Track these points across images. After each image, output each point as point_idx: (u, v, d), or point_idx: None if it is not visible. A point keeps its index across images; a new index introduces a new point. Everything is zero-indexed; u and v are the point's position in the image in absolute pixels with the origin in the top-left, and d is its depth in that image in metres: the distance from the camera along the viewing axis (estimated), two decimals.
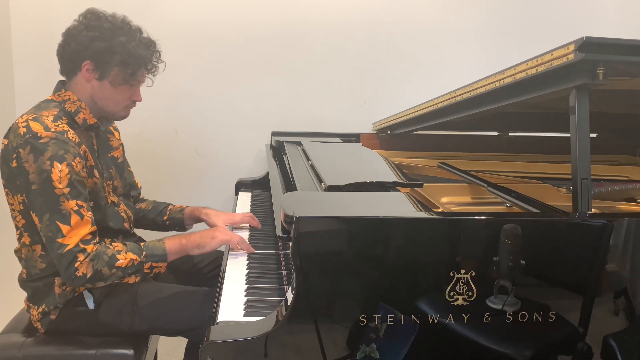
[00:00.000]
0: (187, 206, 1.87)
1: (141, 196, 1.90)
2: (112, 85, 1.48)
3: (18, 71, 2.44)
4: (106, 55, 1.44)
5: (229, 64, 2.59)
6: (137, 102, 1.57)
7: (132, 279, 1.48)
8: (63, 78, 1.52)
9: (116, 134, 1.72)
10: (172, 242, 1.49)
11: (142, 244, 1.48)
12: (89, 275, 1.35)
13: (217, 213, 1.82)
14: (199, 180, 2.68)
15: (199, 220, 1.84)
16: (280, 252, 1.61)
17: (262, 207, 2.15)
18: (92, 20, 1.45)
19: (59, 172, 1.34)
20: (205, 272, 1.81)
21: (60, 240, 1.33)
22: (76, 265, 1.33)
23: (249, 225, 1.82)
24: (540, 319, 1.16)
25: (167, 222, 1.85)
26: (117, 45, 1.44)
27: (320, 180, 1.51)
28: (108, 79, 1.47)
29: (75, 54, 1.45)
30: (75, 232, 1.34)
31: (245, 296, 1.32)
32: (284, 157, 2.07)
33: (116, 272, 1.39)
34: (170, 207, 1.87)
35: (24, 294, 1.54)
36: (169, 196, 2.62)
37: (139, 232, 1.76)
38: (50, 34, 2.47)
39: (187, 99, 2.59)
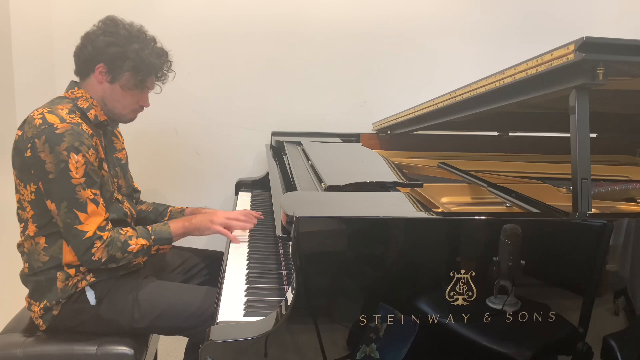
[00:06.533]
0: (187, 207, 1.91)
1: (140, 199, 1.93)
2: (122, 89, 1.57)
3: (18, 71, 2.44)
4: (119, 60, 1.53)
5: (229, 63, 2.59)
6: (144, 107, 1.66)
7: (139, 259, 1.59)
8: (76, 79, 1.60)
9: (120, 138, 1.79)
10: (176, 225, 1.61)
11: (149, 227, 1.57)
12: (103, 259, 1.45)
13: (214, 212, 1.82)
14: (199, 180, 2.68)
15: None
16: (280, 252, 1.61)
17: (262, 207, 2.15)
18: (110, 26, 1.55)
19: (76, 162, 1.41)
20: (195, 272, 1.86)
21: (79, 227, 1.42)
22: (93, 251, 1.43)
23: None
24: (540, 319, 1.16)
25: None
26: (131, 52, 1.53)
27: (320, 180, 1.51)
28: (119, 83, 1.56)
29: (91, 57, 1.54)
30: (93, 220, 1.43)
31: (245, 296, 1.33)
32: (284, 157, 2.07)
33: (128, 255, 1.49)
34: (170, 208, 1.92)
35: (24, 294, 1.55)
36: (168, 196, 2.63)
37: None
38: (50, 34, 2.48)
39: (187, 99, 2.59)
